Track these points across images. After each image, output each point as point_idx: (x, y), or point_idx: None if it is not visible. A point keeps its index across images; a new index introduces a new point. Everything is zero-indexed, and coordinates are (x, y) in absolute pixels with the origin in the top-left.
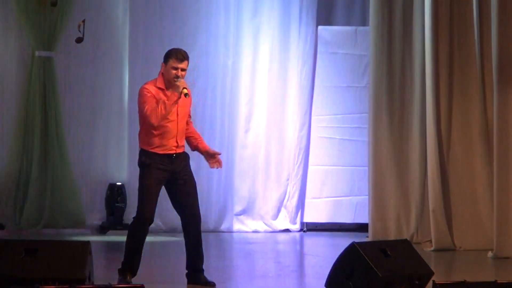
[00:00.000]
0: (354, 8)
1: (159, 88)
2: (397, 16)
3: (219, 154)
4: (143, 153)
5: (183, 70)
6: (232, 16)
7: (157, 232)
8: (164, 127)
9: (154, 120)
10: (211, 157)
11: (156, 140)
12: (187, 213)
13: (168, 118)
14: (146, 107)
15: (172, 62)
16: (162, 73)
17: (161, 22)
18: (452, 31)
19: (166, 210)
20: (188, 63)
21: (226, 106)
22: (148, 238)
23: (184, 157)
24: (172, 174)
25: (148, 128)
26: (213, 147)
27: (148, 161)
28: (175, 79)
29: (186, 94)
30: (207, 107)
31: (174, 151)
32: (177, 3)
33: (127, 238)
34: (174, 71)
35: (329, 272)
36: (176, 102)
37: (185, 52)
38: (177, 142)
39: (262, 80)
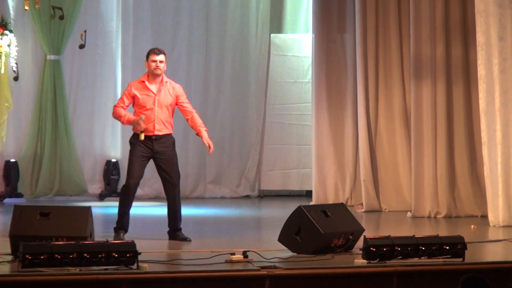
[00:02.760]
0: (299, 19)
1: (141, 81)
2: (334, 25)
3: (210, 148)
4: (132, 134)
5: (161, 62)
6: (202, 26)
7: (145, 199)
8: (142, 111)
9: (112, 114)
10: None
11: None
12: (167, 183)
13: (145, 107)
14: (117, 104)
15: (151, 57)
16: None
17: (147, 32)
18: (378, 36)
19: (152, 181)
20: (165, 57)
21: (199, 97)
22: (138, 204)
23: (167, 139)
24: (154, 151)
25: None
26: (189, 130)
27: (134, 141)
28: (141, 119)
29: (140, 134)
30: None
31: (152, 133)
32: (160, 17)
33: (119, 201)
34: (153, 64)
35: (281, 229)
36: (129, 122)
37: (161, 48)
38: (154, 126)
39: (227, 77)
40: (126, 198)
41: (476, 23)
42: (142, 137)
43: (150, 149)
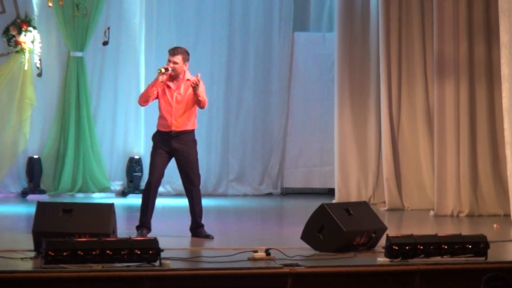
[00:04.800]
0: (322, 17)
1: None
2: (357, 23)
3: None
4: (154, 132)
5: (174, 63)
6: (225, 24)
7: (168, 195)
8: (161, 106)
9: (139, 100)
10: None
11: (160, 120)
12: (185, 182)
13: (164, 102)
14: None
15: (168, 57)
16: None
17: (170, 29)
18: (401, 35)
19: (176, 178)
20: (182, 58)
21: (222, 95)
22: (161, 201)
23: (185, 136)
24: (172, 148)
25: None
26: (212, 127)
27: (154, 138)
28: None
29: (162, 69)
30: (207, 95)
31: (170, 130)
32: (183, 14)
33: (141, 199)
34: (168, 63)
35: (304, 227)
36: (154, 83)
37: (178, 48)
38: (172, 122)
39: (250, 74)
40: (148, 195)
41: (500, 21)
42: (163, 70)
43: (169, 146)
